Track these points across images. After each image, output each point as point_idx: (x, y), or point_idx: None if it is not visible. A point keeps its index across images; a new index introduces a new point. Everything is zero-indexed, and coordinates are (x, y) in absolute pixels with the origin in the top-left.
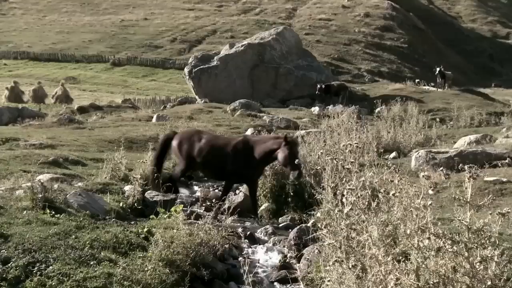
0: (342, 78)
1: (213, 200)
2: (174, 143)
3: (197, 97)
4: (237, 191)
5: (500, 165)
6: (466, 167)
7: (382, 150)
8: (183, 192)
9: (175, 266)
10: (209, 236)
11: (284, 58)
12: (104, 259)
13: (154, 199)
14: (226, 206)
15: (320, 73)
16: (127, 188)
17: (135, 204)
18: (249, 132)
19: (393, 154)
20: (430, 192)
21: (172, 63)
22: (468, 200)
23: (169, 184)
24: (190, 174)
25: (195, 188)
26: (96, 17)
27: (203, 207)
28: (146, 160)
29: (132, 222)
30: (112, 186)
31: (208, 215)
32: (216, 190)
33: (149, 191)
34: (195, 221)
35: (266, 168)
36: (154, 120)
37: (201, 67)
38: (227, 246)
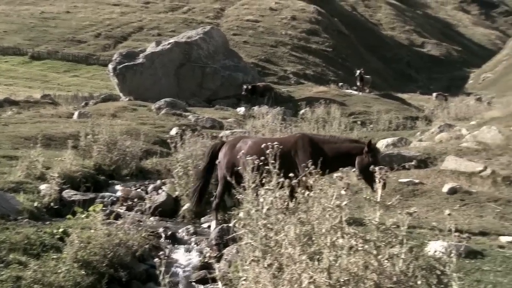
0: (268, 79)
1: (135, 200)
2: (221, 155)
3: (121, 94)
4: (160, 191)
5: (407, 166)
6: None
7: None
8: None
9: (91, 267)
10: (128, 237)
11: (211, 58)
12: (13, 262)
13: (72, 198)
14: (147, 205)
15: (247, 73)
16: (43, 187)
17: (52, 203)
18: (173, 131)
19: None
20: (343, 192)
21: (96, 59)
22: (378, 200)
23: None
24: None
25: (116, 187)
26: (12, 7)
27: (124, 207)
28: (65, 158)
29: (47, 222)
30: (26, 185)
31: (128, 215)
32: (139, 190)
33: (67, 190)
34: (114, 221)
35: (189, 167)
36: (75, 117)
37: (126, 64)
38: (147, 246)
